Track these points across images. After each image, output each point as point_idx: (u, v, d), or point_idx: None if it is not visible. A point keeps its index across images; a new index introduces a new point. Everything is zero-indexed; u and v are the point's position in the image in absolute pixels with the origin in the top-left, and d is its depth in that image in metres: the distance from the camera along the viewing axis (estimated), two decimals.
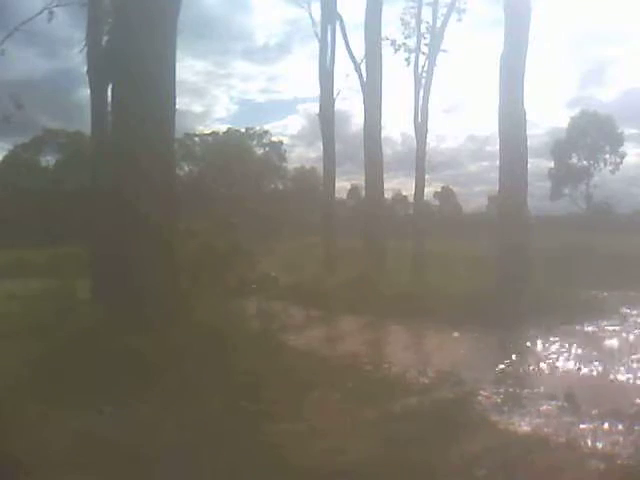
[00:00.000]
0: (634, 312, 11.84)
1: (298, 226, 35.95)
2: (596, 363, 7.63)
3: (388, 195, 36.67)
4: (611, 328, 10.31)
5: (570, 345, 8.80)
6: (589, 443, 4.66)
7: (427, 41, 25.67)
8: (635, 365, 7.52)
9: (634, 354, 8.10)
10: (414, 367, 7.26)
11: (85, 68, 14.56)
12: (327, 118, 23.87)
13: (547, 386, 6.37)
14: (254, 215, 40.83)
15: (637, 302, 12.77)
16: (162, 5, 7.76)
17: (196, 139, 52.79)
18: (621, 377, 7.00)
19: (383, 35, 21.72)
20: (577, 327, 10.30)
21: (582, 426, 5.06)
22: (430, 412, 4.99)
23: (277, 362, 6.42)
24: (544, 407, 5.61)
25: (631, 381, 6.80)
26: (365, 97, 20.83)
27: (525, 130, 14.09)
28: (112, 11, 11.15)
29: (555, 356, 8.18)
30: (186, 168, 51.54)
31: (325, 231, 23.80)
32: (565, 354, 8.32)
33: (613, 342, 9.22)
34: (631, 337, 9.51)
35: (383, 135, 20.71)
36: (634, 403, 5.70)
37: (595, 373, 7.26)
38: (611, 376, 7.03)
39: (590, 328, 10.33)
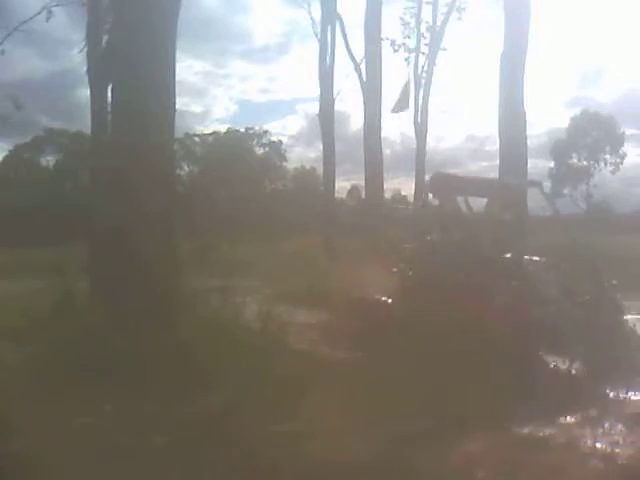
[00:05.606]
0: None
1: (298, 226, 35.93)
2: None
3: (388, 195, 36.72)
4: None
5: None
6: None
7: (427, 41, 25.80)
8: None
9: None
10: None
11: (85, 68, 14.61)
12: (327, 118, 23.89)
13: None
14: (254, 215, 40.87)
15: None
16: (162, 5, 7.75)
17: (196, 139, 52.74)
18: None
19: (383, 35, 21.78)
20: None
21: None
22: None
23: (279, 361, 6.39)
24: None
25: None
26: (365, 97, 20.84)
27: (525, 130, 14.12)
28: (112, 11, 11.14)
29: None
30: (186, 168, 51.51)
31: (325, 231, 23.82)
32: None
33: None
34: None
35: (383, 135, 20.74)
36: None
37: None
38: None
39: None
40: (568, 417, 5.29)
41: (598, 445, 4.67)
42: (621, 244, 23.74)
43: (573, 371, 6.66)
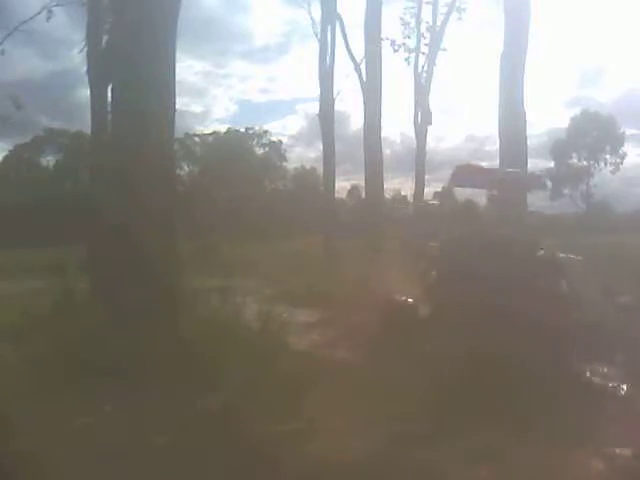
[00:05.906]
0: None
1: (298, 226, 35.95)
2: None
3: (388, 195, 36.73)
4: None
5: None
6: None
7: (427, 41, 25.82)
8: None
9: None
10: None
11: (85, 68, 14.62)
12: (327, 118, 23.89)
13: None
14: (255, 215, 40.86)
15: None
16: (162, 5, 7.75)
17: (196, 139, 52.77)
18: None
19: (383, 35, 21.76)
20: None
21: None
22: None
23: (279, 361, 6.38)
24: None
25: None
26: (365, 97, 20.82)
27: (525, 130, 14.11)
28: (112, 11, 11.14)
29: None
30: (186, 168, 51.54)
31: (325, 231, 23.82)
32: None
33: None
34: None
35: (383, 135, 20.71)
36: None
37: None
38: None
39: None
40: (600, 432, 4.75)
41: None
42: (622, 244, 23.73)
43: (614, 380, 5.96)
